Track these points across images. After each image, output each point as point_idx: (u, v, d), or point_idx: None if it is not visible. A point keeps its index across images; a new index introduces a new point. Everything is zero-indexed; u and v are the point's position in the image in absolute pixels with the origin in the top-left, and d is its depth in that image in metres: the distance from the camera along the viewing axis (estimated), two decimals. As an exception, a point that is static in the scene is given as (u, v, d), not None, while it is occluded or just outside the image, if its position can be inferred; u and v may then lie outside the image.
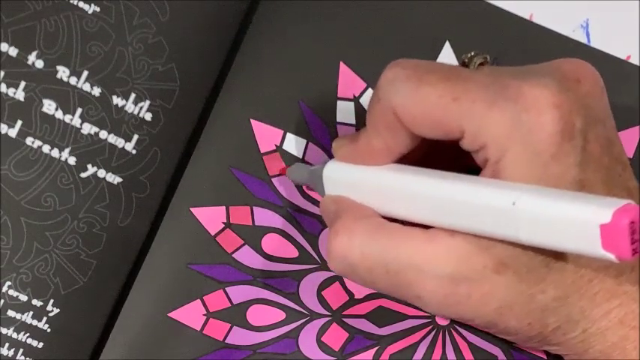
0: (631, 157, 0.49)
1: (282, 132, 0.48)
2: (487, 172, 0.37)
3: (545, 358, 0.48)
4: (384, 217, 0.40)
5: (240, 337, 0.48)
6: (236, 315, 0.48)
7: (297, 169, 0.47)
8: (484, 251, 0.37)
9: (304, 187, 0.48)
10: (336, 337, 0.48)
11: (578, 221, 0.34)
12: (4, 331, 0.47)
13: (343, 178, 0.42)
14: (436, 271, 0.38)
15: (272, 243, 0.48)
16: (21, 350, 0.47)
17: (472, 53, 0.41)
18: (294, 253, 0.48)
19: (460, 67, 0.40)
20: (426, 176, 0.39)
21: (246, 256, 0.48)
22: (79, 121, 0.47)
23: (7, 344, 0.47)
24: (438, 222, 0.38)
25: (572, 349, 0.40)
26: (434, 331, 0.49)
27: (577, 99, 0.37)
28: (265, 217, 0.48)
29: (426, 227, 0.38)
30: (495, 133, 0.37)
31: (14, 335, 0.47)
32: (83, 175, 0.47)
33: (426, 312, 0.48)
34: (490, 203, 0.36)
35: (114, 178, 0.47)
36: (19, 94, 0.46)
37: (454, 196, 0.37)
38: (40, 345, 0.47)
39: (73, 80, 0.46)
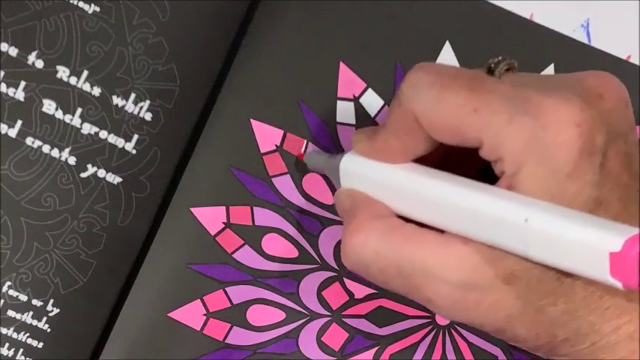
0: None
1: (282, 132, 0.48)
2: (502, 183, 0.37)
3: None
4: (399, 216, 0.40)
5: (240, 337, 0.48)
6: (236, 315, 0.48)
7: (314, 156, 0.47)
8: (496, 262, 0.37)
9: (304, 187, 0.48)
10: (336, 337, 0.48)
11: (588, 246, 0.34)
12: (4, 331, 0.47)
13: (360, 172, 0.42)
14: (447, 277, 0.38)
15: (272, 243, 0.48)
16: (21, 350, 0.47)
17: (499, 58, 0.40)
18: (294, 253, 0.48)
19: (483, 75, 0.39)
20: (442, 181, 0.39)
21: (246, 256, 0.48)
22: (79, 121, 0.47)
23: (7, 344, 0.47)
24: (450, 227, 0.38)
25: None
26: (434, 331, 0.49)
27: (599, 116, 0.37)
28: (265, 217, 0.48)
29: (440, 229, 0.39)
30: (512, 148, 0.37)
31: (14, 335, 0.47)
32: (83, 175, 0.47)
33: (433, 313, 0.48)
34: (503, 217, 0.36)
35: (114, 178, 0.47)
36: (19, 94, 0.46)
37: (468, 205, 0.37)
38: (40, 345, 0.47)
39: (73, 80, 0.46)
